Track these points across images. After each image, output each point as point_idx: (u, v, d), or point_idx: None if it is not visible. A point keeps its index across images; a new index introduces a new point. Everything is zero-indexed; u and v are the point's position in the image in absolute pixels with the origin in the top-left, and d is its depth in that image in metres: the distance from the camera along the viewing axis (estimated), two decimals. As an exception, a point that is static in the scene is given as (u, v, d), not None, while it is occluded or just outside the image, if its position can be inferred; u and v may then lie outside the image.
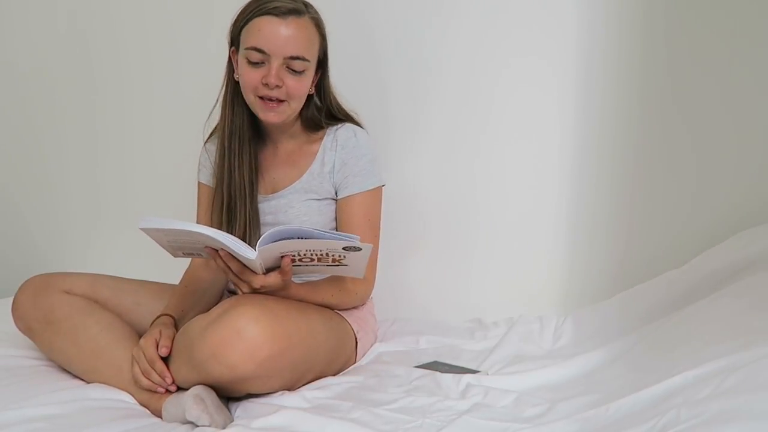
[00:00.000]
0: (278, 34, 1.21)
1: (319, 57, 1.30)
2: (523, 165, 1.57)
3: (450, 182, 1.62)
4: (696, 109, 1.45)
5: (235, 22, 1.27)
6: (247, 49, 1.23)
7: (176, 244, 1.14)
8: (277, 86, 1.22)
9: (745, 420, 0.72)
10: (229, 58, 1.31)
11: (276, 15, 1.21)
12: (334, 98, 1.37)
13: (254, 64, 1.23)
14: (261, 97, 1.24)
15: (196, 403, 1.05)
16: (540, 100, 1.54)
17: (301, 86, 1.26)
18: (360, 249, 1.08)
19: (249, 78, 1.24)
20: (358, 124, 1.38)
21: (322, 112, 1.36)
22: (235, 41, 1.28)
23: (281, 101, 1.25)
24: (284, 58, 1.22)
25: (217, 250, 1.11)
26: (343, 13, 1.60)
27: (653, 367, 1.01)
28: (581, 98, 1.51)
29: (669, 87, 1.46)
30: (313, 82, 1.31)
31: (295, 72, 1.24)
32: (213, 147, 1.38)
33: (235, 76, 1.29)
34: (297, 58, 1.23)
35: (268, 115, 1.26)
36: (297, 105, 1.28)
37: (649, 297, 1.36)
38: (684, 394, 0.85)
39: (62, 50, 1.93)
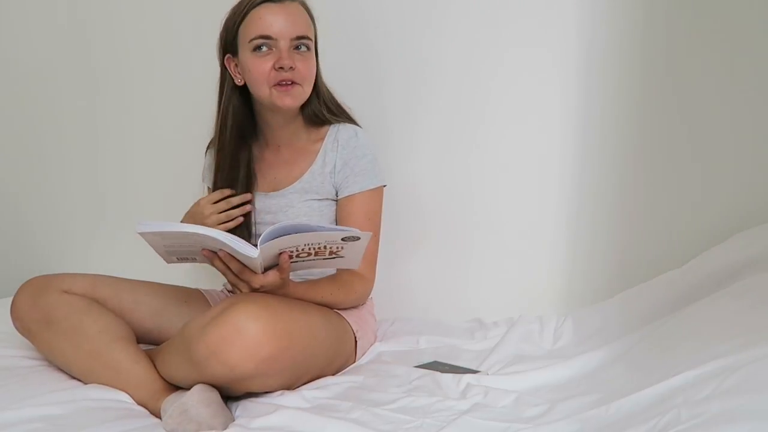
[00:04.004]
0: (280, 17, 1.26)
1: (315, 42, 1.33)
2: (523, 164, 1.57)
3: (449, 181, 1.62)
4: (696, 109, 1.45)
5: (226, 26, 1.30)
6: (251, 41, 1.25)
7: (172, 248, 1.14)
8: (291, 68, 1.25)
9: (745, 420, 0.72)
10: (222, 70, 1.33)
11: (273, 1, 1.26)
12: (327, 90, 1.39)
13: (262, 54, 1.25)
14: (276, 84, 1.26)
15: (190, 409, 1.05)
16: (540, 99, 1.53)
17: (311, 67, 1.30)
18: (359, 238, 1.09)
19: (260, 70, 1.26)
20: (354, 121, 1.39)
21: (322, 105, 1.37)
22: (229, 46, 1.30)
23: (295, 84, 1.27)
24: (291, 40, 1.26)
25: (215, 252, 1.11)
26: (340, 11, 1.60)
27: (654, 367, 1.00)
28: (581, 96, 1.50)
29: (670, 87, 1.45)
30: None
31: (302, 53, 1.27)
32: None
33: (237, 81, 1.31)
34: (302, 37, 1.27)
35: (285, 100, 1.28)
36: (308, 88, 1.31)
37: (649, 297, 1.36)
38: (684, 394, 0.85)
39: (63, 50, 1.93)
